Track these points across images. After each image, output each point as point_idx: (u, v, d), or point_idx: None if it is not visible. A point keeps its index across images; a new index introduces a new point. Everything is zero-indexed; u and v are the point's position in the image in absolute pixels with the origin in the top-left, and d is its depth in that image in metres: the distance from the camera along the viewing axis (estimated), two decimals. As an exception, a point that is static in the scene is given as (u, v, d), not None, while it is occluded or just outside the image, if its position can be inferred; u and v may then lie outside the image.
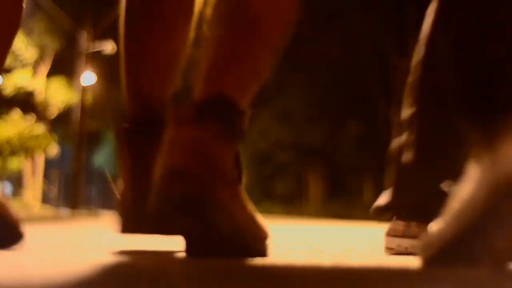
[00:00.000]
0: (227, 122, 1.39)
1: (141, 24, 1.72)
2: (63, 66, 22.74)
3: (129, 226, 1.88)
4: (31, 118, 17.00)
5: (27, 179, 20.33)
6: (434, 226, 1.48)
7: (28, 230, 3.28)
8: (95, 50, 19.80)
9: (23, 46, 21.47)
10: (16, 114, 16.35)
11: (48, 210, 14.30)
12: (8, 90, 21.29)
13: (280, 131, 26.55)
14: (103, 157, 41.51)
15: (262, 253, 1.54)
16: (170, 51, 1.74)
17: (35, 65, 21.99)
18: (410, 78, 2.23)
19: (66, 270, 1.31)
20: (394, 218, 2.09)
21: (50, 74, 22.24)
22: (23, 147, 15.65)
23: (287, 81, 24.18)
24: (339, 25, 23.74)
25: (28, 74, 21.49)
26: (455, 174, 1.58)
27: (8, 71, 21.79)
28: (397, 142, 2.30)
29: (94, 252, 1.88)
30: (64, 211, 17.02)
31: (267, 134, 26.69)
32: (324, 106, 25.92)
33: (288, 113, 26.65)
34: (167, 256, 1.77)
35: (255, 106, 2.26)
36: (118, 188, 1.90)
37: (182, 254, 1.85)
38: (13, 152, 15.81)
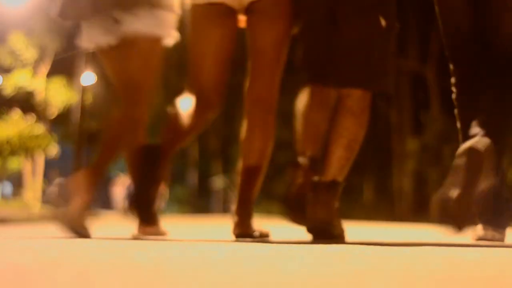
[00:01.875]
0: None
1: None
2: (63, 66, 22.74)
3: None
4: (31, 118, 17.01)
5: (27, 179, 20.31)
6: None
7: (28, 230, 3.26)
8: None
9: (23, 46, 21.47)
10: (16, 114, 16.36)
11: (48, 210, 14.30)
12: (8, 90, 21.29)
13: (280, 132, 26.39)
14: (103, 157, 41.43)
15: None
16: None
17: (35, 65, 21.97)
18: None
19: (67, 269, 1.31)
20: None
21: (50, 74, 22.21)
22: (23, 147, 15.66)
23: (287, 82, 24.19)
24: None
25: (28, 74, 21.47)
26: None
27: (8, 71, 21.79)
28: None
29: (94, 252, 1.88)
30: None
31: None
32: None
33: (288, 114, 26.56)
34: (165, 255, 1.77)
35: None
36: None
37: (177, 253, 1.85)
38: (13, 152, 15.82)
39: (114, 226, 6.61)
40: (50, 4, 3.15)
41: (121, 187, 23.90)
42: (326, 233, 2.90)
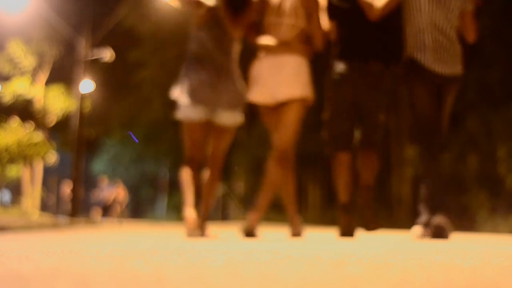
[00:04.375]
0: None
1: None
2: (61, 74, 22.71)
3: None
4: (30, 125, 16.97)
5: (26, 187, 20.26)
6: None
7: (27, 238, 3.26)
8: (94, 57, 19.80)
9: (22, 54, 21.46)
10: (14, 121, 16.33)
11: (47, 218, 14.29)
12: (7, 98, 21.26)
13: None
14: (101, 165, 41.44)
15: None
16: None
17: (34, 73, 21.95)
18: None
19: (66, 278, 1.31)
20: None
21: (49, 81, 22.18)
22: (22, 155, 15.61)
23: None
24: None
25: (27, 81, 21.44)
26: None
27: (6, 78, 21.77)
28: None
29: (93, 259, 1.88)
30: (63, 218, 16.98)
31: (266, 141, 26.47)
32: (322, 112, 25.83)
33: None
34: (164, 262, 1.77)
35: (254, 114, 2.57)
36: None
37: (176, 260, 1.85)
38: (11, 160, 15.76)
39: (113, 233, 6.59)
40: (49, 12, 3.30)
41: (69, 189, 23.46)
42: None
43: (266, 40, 5.02)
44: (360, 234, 5.30)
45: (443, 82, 4.88)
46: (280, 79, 4.95)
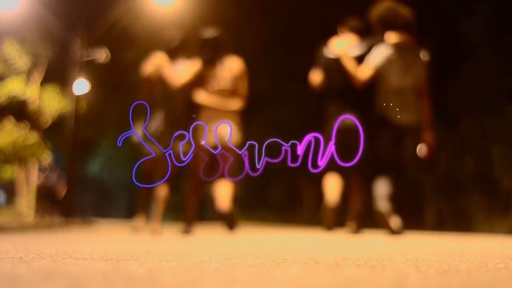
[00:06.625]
0: None
1: None
2: (56, 74, 22.66)
3: None
4: (24, 126, 16.94)
5: (21, 188, 20.24)
6: None
7: (22, 239, 3.25)
8: (89, 58, 19.76)
9: (16, 54, 21.40)
10: (9, 122, 16.29)
11: (42, 219, 14.26)
12: (1, 99, 21.21)
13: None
14: (97, 166, 41.38)
15: None
16: None
17: (29, 74, 21.88)
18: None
19: (60, 280, 1.31)
20: None
21: (44, 82, 22.11)
22: (17, 156, 15.56)
23: (280, 90, 24.20)
24: (330, 36, 23.74)
25: (21, 82, 21.38)
26: None
27: (1, 79, 21.71)
28: None
29: (88, 260, 1.87)
30: (58, 219, 16.96)
31: (261, 142, 26.38)
32: (316, 114, 25.86)
33: (281, 122, 26.64)
34: (159, 264, 1.76)
35: (249, 115, 2.60)
36: None
37: (171, 262, 1.85)
38: (6, 161, 15.71)
39: (108, 235, 6.59)
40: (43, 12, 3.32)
41: (40, 183, 22.61)
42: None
43: (206, 99, 6.78)
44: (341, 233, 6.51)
45: (402, 129, 6.65)
46: (221, 129, 6.58)
